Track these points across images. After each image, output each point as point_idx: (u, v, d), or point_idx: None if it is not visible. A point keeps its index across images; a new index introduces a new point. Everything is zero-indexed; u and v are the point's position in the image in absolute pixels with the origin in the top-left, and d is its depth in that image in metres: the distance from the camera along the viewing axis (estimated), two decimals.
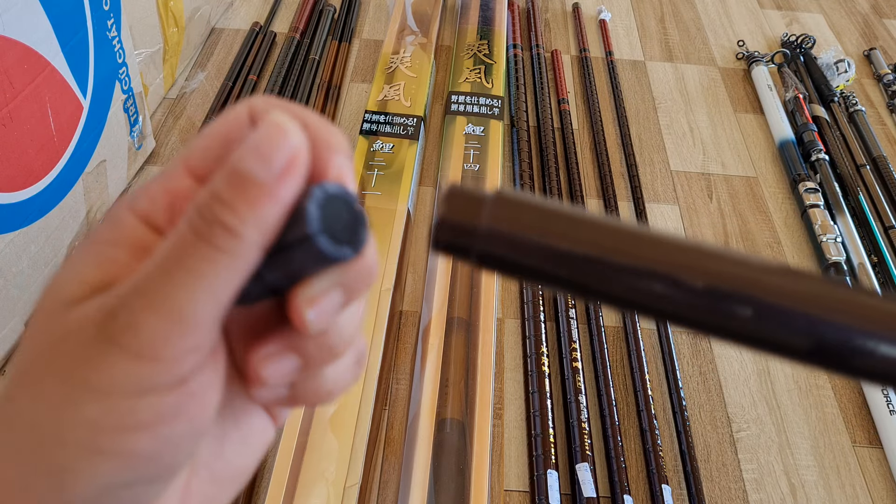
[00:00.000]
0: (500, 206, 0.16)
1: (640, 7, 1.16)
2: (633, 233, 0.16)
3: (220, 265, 0.14)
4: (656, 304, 0.15)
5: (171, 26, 0.86)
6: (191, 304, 0.14)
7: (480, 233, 0.16)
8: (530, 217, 0.16)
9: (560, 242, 0.16)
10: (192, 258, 0.14)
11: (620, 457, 0.58)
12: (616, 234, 0.16)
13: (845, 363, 0.15)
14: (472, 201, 0.16)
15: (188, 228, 0.14)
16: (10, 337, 0.61)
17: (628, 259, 0.15)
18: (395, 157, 0.75)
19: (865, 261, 0.74)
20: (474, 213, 0.16)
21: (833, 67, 0.98)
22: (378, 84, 0.85)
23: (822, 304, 0.15)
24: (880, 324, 0.14)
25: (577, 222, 0.16)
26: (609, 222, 0.16)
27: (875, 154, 0.88)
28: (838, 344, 0.14)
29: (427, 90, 0.85)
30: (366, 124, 0.79)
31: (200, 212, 0.14)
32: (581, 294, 0.16)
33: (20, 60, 0.55)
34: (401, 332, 0.67)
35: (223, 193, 0.14)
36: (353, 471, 0.52)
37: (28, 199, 0.59)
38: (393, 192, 0.71)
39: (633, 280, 0.15)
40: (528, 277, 0.16)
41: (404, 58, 0.89)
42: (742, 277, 0.15)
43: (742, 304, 0.15)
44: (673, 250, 0.15)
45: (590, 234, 0.16)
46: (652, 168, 0.86)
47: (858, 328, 0.14)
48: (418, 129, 0.79)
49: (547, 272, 0.16)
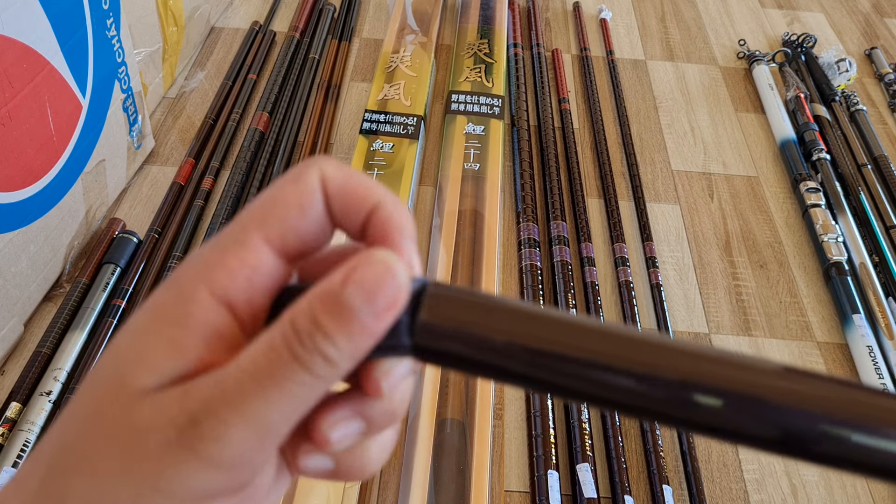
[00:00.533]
0: (433, 301, 0.16)
1: (641, 6, 1.16)
2: (574, 325, 0.16)
3: (314, 389, 0.14)
4: (613, 399, 0.15)
5: (170, 25, 0.86)
6: (280, 421, 0.14)
7: (417, 328, 0.16)
8: (465, 311, 0.16)
9: (496, 336, 0.15)
10: (287, 379, 0.14)
11: (621, 457, 0.57)
12: (552, 325, 0.15)
13: (812, 453, 0.14)
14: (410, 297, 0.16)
15: (284, 347, 0.14)
16: (10, 337, 0.61)
17: (571, 352, 0.15)
18: (395, 156, 0.75)
19: (867, 260, 0.74)
20: (411, 308, 0.16)
21: (834, 67, 0.98)
22: (378, 83, 0.85)
23: (791, 396, 0.14)
24: (848, 413, 0.14)
25: (512, 314, 0.16)
26: (540, 314, 0.16)
27: (876, 153, 0.88)
28: (805, 434, 0.14)
29: (427, 89, 0.85)
30: (366, 123, 0.79)
31: (300, 335, 0.14)
32: (524, 384, 0.16)
33: (19, 60, 0.54)
34: None
35: (325, 323, 0.14)
36: None
37: (27, 199, 0.59)
38: (393, 191, 0.71)
39: (584, 373, 0.15)
40: (470, 371, 0.16)
41: (404, 57, 0.89)
42: (665, 366, 0.15)
43: (685, 391, 0.14)
44: (624, 344, 0.15)
45: (527, 327, 0.15)
46: (653, 167, 0.86)
47: (827, 418, 0.14)
48: (418, 128, 0.79)
49: (483, 365, 0.16)
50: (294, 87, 0.90)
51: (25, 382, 0.57)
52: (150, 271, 0.67)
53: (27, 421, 0.55)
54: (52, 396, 0.57)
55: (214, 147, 0.81)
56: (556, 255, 0.72)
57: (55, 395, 0.57)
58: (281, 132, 0.84)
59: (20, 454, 0.53)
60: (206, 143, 0.82)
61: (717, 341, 0.68)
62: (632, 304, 0.68)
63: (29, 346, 0.62)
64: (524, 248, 0.72)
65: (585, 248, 0.73)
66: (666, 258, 0.75)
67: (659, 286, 0.71)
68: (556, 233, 0.74)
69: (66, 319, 0.62)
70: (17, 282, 0.60)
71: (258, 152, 0.81)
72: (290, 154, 0.81)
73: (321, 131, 0.84)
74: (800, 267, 0.76)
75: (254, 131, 0.81)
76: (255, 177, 0.77)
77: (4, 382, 0.60)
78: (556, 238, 0.73)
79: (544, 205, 0.78)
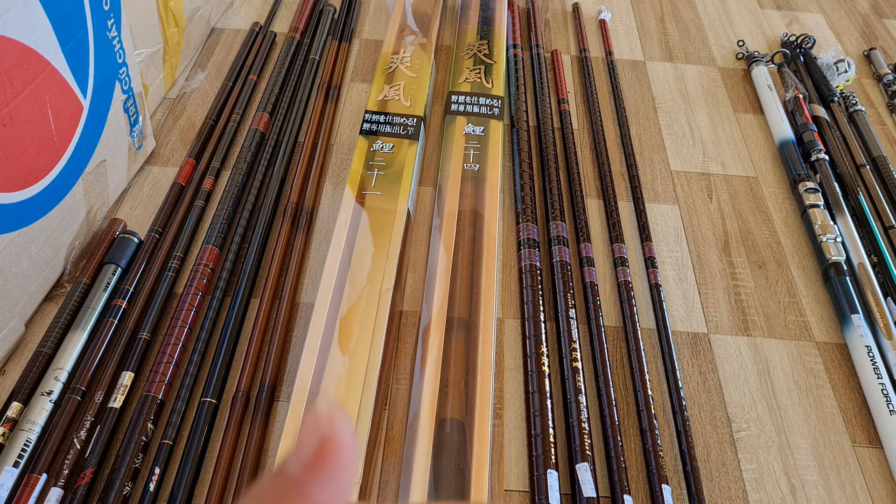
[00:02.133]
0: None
1: (640, 7, 1.16)
2: None
3: None
4: None
5: (171, 26, 0.86)
6: None
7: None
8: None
9: None
10: None
11: (620, 457, 0.58)
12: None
13: None
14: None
15: None
16: (11, 337, 0.61)
17: None
18: (395, 157, 0.75)
19: (865, 261, 0.74)
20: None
21: (833, 67, 0.98)
22: (378, 84, 0.85)
23: None
24: None
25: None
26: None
27: (875, 154, 0.88)
28: None
29: (427, 90, 0.85)
30: (366, 124, 0.79)
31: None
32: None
33: (20, 60, 0.55)
34: (401, 332, 0.67)
35: None
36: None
37: (28, 199, 0.59)
38: (393, 192, 0.71)
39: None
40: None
41: (404, 58, 0.89)
42: None
43: None
44: None
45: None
46: (652, 168, 0.86)
47: None
48: (418, 129, 0.79)
49: None
50: (294, 87, 0.90)
51: (26, 382, 0.57)
52: (151, 271, 0.67)
53: (28, 420, 0.55)
54: (52, 396, 0.57)
55: (215, 148, 0.81)
56: (556, 256, 0.72)
57: (56, 394, 0.57)
58: (281, 133, 0.84)
59: (21, 454, 0.53)
60: (207, 143, 0.82)
61: (716, 341, 0.69)
62: (631, 304, 0.69)
63: (30, 345, 0.63)
64: (524, 249, 0.73)
65: (585, 248, 0.73)
66: (665, 258, 0.76)
67: (658, 286, 0.71)
68: (556, 233, 0.74)
69: (67, 319, 0.62)
70: (18, 282, 0.60)
71: (258, 153, 0.81)
72: (290, 154, 0.81)
73: (321, 132, 0.85)
74: (798, 267, 0.76)
75: (254, 132, 0.81)
76: (256, 177, 0.78)
77: (5, 382, 0.60)
78: (555, 238, 0.73)
79: (544, 205, 0.79)
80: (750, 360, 0.67)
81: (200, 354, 0.62)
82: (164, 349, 0.60)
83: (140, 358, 0.61)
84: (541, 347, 0.63)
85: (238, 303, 0.65)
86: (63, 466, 0.53)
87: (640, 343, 0.65)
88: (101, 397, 0.57)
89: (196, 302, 0.64)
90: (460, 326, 0.62)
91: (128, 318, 0.63)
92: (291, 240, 0.72)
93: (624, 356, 0.66)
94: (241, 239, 0.72)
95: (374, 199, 0.71)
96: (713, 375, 0.66)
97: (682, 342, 0.68)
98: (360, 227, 0.68)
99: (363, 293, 0.62)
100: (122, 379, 0.59)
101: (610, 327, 0.68)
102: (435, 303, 0.64)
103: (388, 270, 0.64)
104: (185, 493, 0.53)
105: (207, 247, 0.68)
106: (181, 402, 0.58)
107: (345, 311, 0.61)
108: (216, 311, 0.65)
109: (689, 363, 0.66)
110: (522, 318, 0.67)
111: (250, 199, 0.75)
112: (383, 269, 0.65)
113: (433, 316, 0.63)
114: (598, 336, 0.66)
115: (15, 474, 0.52)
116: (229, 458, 0.55)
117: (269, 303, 0.66)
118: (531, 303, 0.67)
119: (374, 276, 0.64)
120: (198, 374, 0.61)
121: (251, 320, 0.65)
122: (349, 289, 0.63)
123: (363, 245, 0.66)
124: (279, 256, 0.69)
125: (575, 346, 0.64)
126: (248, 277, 0.67)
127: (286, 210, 0.74)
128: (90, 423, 0.56)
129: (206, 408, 0.58)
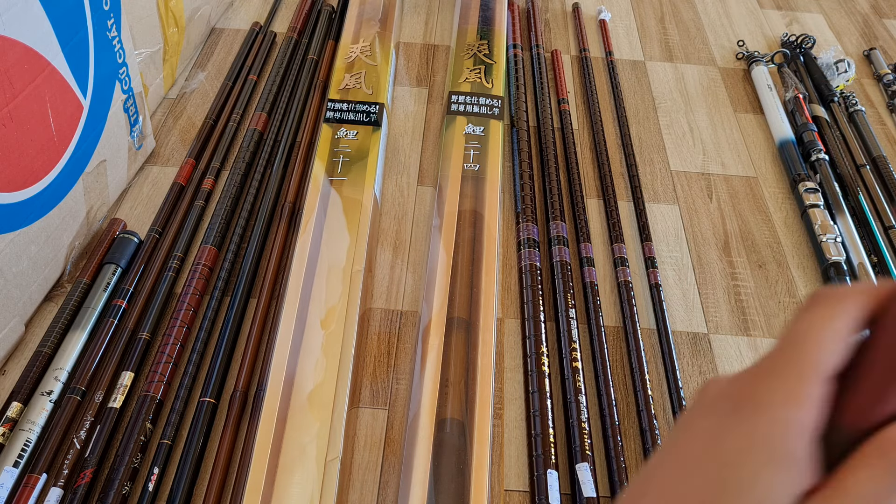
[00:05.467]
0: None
1: (640, 7, 1.16)
2: None
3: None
4: None
5: (171, 26, 0.86)
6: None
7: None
8: None
9: None
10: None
11: (620, 457, 0.58)
12: None
13: None
14: None
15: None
16: (11, 337, 0.61)
17: None
18: (359, 143, 0.78)
19: (865, 261, 0.74)
20: None
21: (833, 67, 0.98)
22: (339, 73, 0.86)
23: None
24: None
25: None
26: None
27: (875, 154, 0.88)
28: None
29: (388, 78, 0.87)
30: (329, 112, 0.81)
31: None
32: None
33: (20, 60, 0.55)
34: (401, 332, 0.67)
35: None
36: (333, 445, 0.54)
37: (28, 199, 0.59)
38: (359, 177, 0.74)
39: None
40: None
41: (364, 48, 0.91)
42: None
43: None
44: None
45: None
46: (652, 168, 0.86)
47: None
48: (381, 115, 0.81)
49: None
50: (292, 87, 0.90)
51: (26, 382, 0.57)
52: (151, 271, 0.67)
53: (28, 420, 0.55)
54: (52, 396, 0.57)
55: (215, 147, 0.81)
56: (556, 256, 0.72)
57: (56, 394, 0.57)
58: (279, 132, 0.84)
59: (21, 454, 0.53)
60: (207, 143, 0.82)
61: (716, 341, 0.69)
62: (631, 304, 0.69)
63: (30, 345, 0.63)
64: (524, 249, 0.73)
65: (585, 248, 0.73)
66: (665, 258, 0.76)
67: (658, 286, 0.71)
68: (556, 233, 0.74)
69: (67, 319, 0.62)
70: (19, 282, 0.60)
71: (257, 152, 0.81)
72: (287, 154, 0.81)
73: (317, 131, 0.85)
74: (798, 267, 0.76)
75: (252, 132, 0.81)
76: (254, 177, 0.78)
77: (5, 382, 0.60)
78: (555, 238, 0.73)
79: (544, 205, 0.79)
80: (750, 360, 0.67)
81: (199, 354, 0.62)
82: (163, 349, 0.60)
83: (140, 358, 0.61)
84: (541, 347, 0.63)
85: (236, 303, 0.65)
86: (63, 466, 0.53)
87: (640, 343, 0.65)
88: (100, 397, 0.57)
89: (194, 302, 0.64)
90: (460, 326, 0.62)
91: (128, 317, 0.63)
92: (288, 240, 0.72)
93: (624, 356, 0.66)
94: (239, 239, 0.72)
95: (342, 184, 0.73)
96: (713, 375, 0.66)
97: (682, 342, 0.68)
98: (328, 212, 0.70)
99: (336, 272, 0.65)
100: (121, 379, 0.59)
101: (610, 327, 0.68)
102: (435, 303, 0.64)
103: (358, 252, 0.67)
104: (184, 492, 0.53)
105: (205, 247, 0.68)
106: (180, 401, 0.58)
107: (320, 291, 0.63)
108: (215, 312, 0.65)
109: (689, 363, 0.66)
110: (522, 318, 0.67)
111: (248, 199, 0.75)
112: (353, 251, 0.67)
113: (433, 316, 0.63)
114: (598, 336, 0.66)
115: (15, 474, 0.52)
116: (227, 458, 0.55)
117: (267, 303, 0.66)
118: (531, 303, 0.67)
119: (347, 257, 0.66)
120: (196, 373, 0.61)
121: (249, 320, 0.66)
122: (321, 269, 0.65)
123: (333, 228, 0.68)
124: (276, 257, 0.69)
125: (575, 346, 0.64)
126: (247, 277, 0.67)
127: (283, 210, 0.74)
128: (90, 422, 0.56)
129: (205, 407, 0.58)
